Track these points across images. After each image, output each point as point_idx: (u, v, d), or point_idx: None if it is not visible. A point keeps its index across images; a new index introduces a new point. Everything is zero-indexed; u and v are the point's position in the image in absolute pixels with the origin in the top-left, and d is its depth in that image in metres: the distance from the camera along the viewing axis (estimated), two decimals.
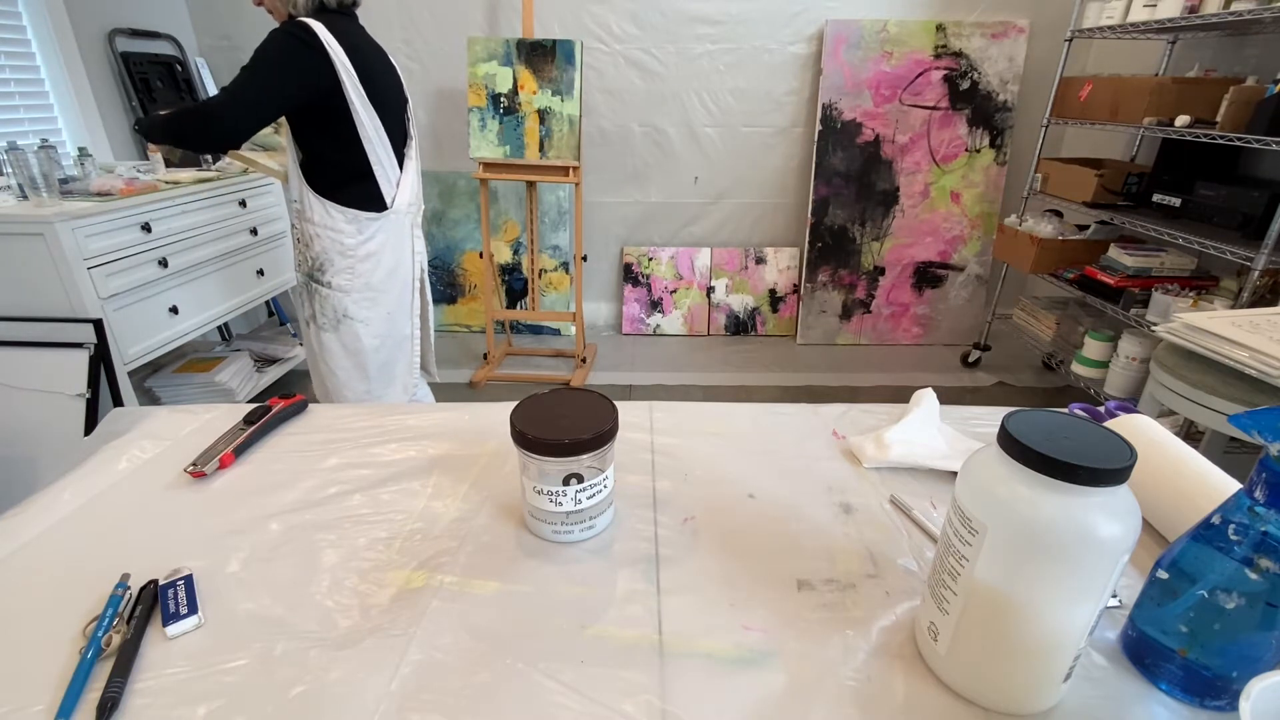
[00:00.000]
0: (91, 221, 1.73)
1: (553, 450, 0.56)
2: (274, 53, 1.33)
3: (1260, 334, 1.35)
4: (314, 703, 0.44)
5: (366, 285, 1.55)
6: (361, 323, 1.57)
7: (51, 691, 0.45)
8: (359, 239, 1.51)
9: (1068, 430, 0.41)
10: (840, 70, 2.89)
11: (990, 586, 0.41)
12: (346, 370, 1.61)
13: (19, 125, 2.21)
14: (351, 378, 1.62)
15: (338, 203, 1.47)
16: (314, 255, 1.50)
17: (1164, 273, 2.24)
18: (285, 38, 1.33)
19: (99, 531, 0.62)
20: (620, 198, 3.21)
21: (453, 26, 2.90)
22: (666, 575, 0.56)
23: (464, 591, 0.54)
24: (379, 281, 1.56)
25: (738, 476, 0.71)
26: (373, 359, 1.62)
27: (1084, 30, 2.46)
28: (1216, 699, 0.44)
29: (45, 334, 1.74)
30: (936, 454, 0.72)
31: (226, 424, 0.78)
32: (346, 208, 1.48)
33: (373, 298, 1.57)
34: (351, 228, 1.49)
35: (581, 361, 2.87)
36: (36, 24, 2.24)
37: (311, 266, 1.52)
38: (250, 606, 0.53)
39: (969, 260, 3.12)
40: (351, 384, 1.63)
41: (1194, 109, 2.05)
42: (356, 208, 1.48)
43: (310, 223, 1.48)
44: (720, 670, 0.47)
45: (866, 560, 0.58)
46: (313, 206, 1.47)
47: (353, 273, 1.52)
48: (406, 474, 0.71)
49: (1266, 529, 0.42)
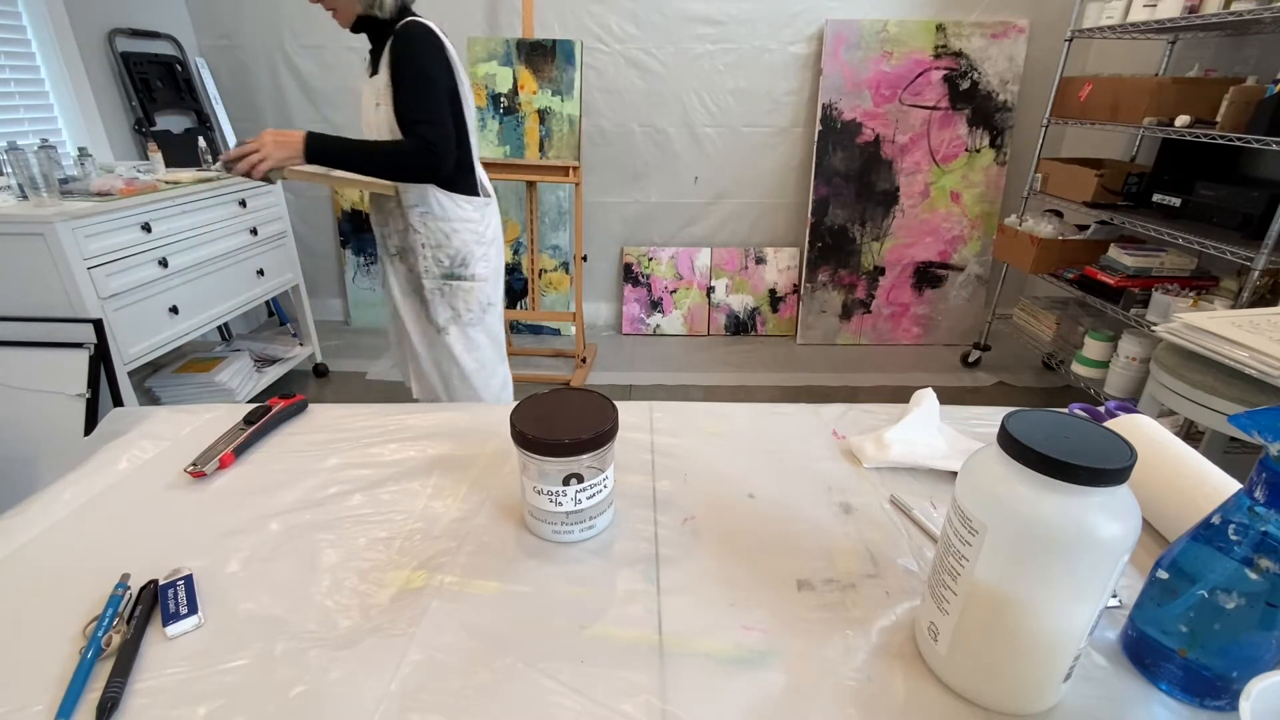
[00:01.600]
0: (91, 221, 1.73)
1: (553, 450, 0.56)
2: (426, 63, 1.32)
3: (1260, 334, 1.35)
4: (314, 703, 0.44)
5: (497, 270, 1.58)
6: (496, 305, 1.60)
7: (51, 691, 0.45)
8: (484, 225, 1.52)
9: (1068, 430, 0.41)
10: (840, 70, 2.89)
11: (990, 586, 0.41)
12: (490, 360, 1.61)
13: (19, 125, 2.21)
14: (493, 363, 1.62)
15: (462, 194, 1.47)
16: (453, 252, 1.48)
17: (1164, 273, 2.24)
18: (424, 44, 1.32)
19: (99, 531, 0.62)
20: (620, 198, 3.21)
21: (453, 26, 2.88)
22: (666, 575, 0.56)
23: (464, 591, 0.54)
24: (500, 264, 1.60)
25: (738, 476, 0.71)
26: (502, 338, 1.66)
27: (1084, 30, 2.46)
28: (1216, 699, 0.44)
29: (45, 334, 1.74)
30: (936, 454, 0.72)
31: (226, 424, 0.78)
32: (472, 196, 1.48)
33: (498, 280, 1.60)
34: (478, 215, 1.50)
35: (581, 361, 2.87)
36: (36, 24, 2.24)
37: (452, 264, 1.49)
38: (250, 606, 0.53)
39: (969, 260, 3.12)
40: (496, 369, 1.63)
41: (1194, 109, 2.05)
42: (475, 195, 1.50)
43: (445, 220, 1.46)
44: (720, 670, 0.47)
45: (866, 560, 0.58)
46: (442, 204, 1.45)
47: (488, 260, 1.54)
48: (406, 474, 0.71)
49: (1266, 529, 0.42)
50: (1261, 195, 1.89)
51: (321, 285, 3.36)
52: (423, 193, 1.43)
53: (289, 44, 2.96)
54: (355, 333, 3.31)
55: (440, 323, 1.53)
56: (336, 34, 3.00)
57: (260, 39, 2.97)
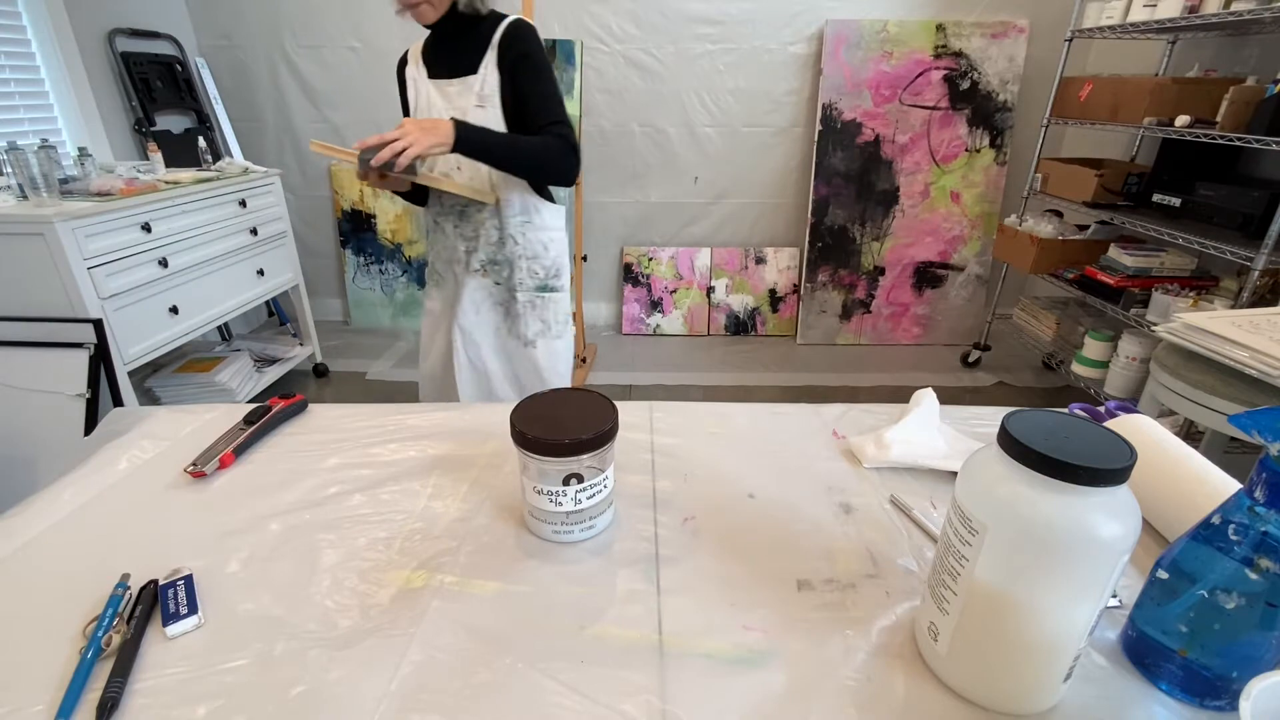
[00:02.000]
0: (91, 221, 1.73)
1: (553, 450, 0.56)
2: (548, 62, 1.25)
3: (1260, 334, 1.35)
4: (314, 703, 0.44)
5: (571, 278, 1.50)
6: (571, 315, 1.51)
7: (51, 691, 0.45)
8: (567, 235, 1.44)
9: (1068, 430, 0.41)
10: (840, 70, 2.89)
11: (990, 586, 0.41)
12: (568, 370, 1.52)
13: (19, 125, 2.21)
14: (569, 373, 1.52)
15: (551, 202, 1.39)
16: (549, 262, 1.38)
17: (1164, 273, 2.24)
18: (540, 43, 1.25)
19: (99, 531, 0.62)
20: (620, 198, 3.21)
21: None
22: (666, 575, 0.56)
23: (464, 591, 0.54)
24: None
25: (738, 476, 0.71)
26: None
27: (1084, 30, 2.46)
28: (1216, 699, 0.44)
29: (45, 334, 1.74)
30: (937, 454, 0.72)
31: (226, 424, 0.78)
32: (556, 206, 1.40)
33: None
34: (562, 224, 1.42)
35: (581, 361, 2.87)
36: (36, 24, 2.24)
37: (546, 275, 1.39)
38: (250, 606, 0.53)
39: (969, 260, 3.12)
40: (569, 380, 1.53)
41: (1194, 109, 2.05)
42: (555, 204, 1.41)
43: (544, 230, 1.36)
44: (720, 670, 0.47)
45: (866, 560, 0.58)
46: (542, 213, 1.36)
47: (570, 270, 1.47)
48: (406, 474, 0.71)
49: (1266, 529, 0.42)
50: (1261, 195, 1.89)
51: (321, 285, 3.36)
52: (525, 202, 1.33)
53: (289, 44, 2.96)
54: (355, 333, 3.31)
55: (529, 336, 1.41)
56: (336, 34, 3.02)
57: (260, 39, 2.97)
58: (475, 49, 1.23)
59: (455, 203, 1.35)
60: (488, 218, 1.34)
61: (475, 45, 1.24)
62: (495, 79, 1.22)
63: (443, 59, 1.27)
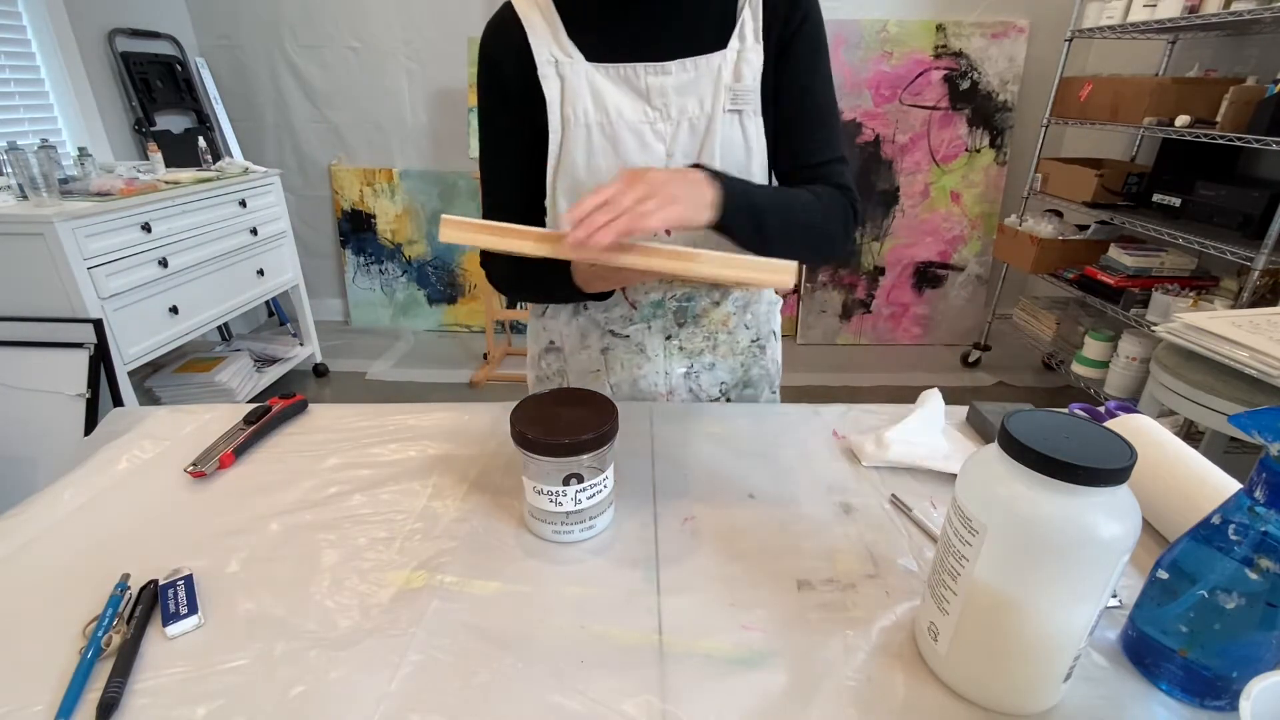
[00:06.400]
0: (91, 221, 1.73)
1: (553, 450, 0.56)
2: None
3: (1260, 334, 1.35)
4: (314, 703, 0.44)
5: None
6: None
7: (51, 691, 0.45)
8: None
9: (1068, 430, 0.41)
10: (840, 70, 2.88)
11: (990, 586, 0.41)
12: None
13: (19, 125, 2.21)
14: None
15: None
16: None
17: (1164, 273, 2.24)
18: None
19: (99, 532, 0.62)
20: None
21: (453, 26, 2.90)
22: (666, 575, 0.56)
23: (464, 591, 0.54)
24: None
25: (738, 476, 0.71)
26: None
27: (1084, 30, 2.46)
28: (1216, 699, 0.44)
29: (45, 334, 1.74)
30: (937, 454, 0.72)
31: (226, 424, 0.78)
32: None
33: None
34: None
35: None
36: (36, 24, 2.24)
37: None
38: (250, 606, 0.53)
39: (969, 260, 3.12)
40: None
41: (1194, 109, 2.05)
42: None
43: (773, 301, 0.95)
44: (720, 670, 0.47)
45: (866, 560, 0.58)
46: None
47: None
48: (406, 474, 0.71)
49: (1266, 529, 0.42)
50: (1261, 195, 1.89)
51: (321, 285, 3.36)
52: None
53: (289, 44, 2.96)
54: (355, 333, 3.31)
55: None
56: (336, 34, 3.02)
57: (260, 39, 2.97)
58: (701, 11, 0.71)
59: (671, 295, 0.82)
60: (733, 313, 0.83)
61: (706, 6, 0.71)
62: (758, 59, 0.71)
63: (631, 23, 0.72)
